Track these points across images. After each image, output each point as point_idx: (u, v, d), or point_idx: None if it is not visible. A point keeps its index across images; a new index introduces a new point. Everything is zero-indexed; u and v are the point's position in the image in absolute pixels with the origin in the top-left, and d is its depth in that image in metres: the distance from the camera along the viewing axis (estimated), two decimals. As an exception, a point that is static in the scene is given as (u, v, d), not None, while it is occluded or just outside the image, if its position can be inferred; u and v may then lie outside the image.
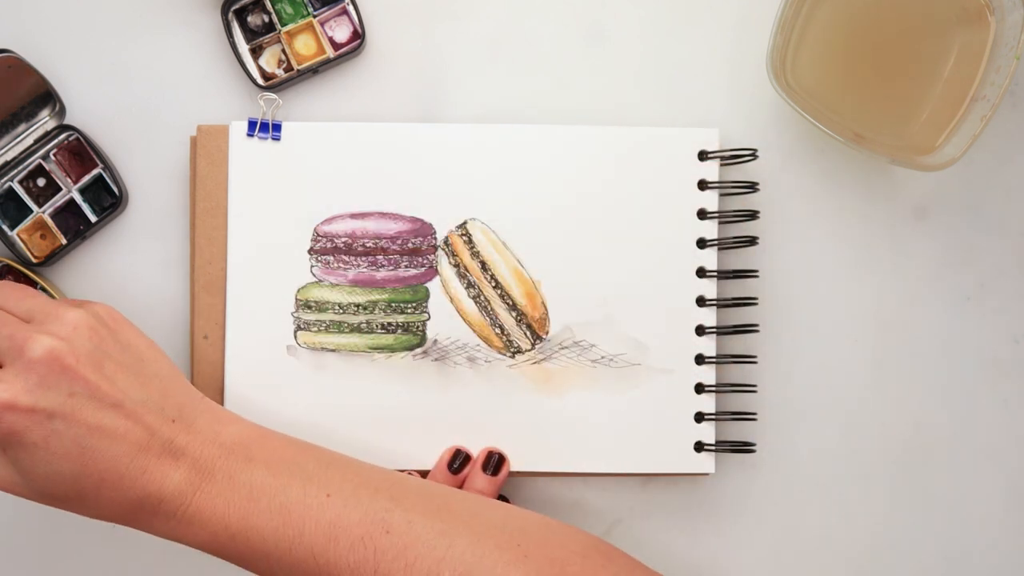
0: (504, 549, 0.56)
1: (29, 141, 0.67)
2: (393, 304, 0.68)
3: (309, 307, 0.67)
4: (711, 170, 0.68)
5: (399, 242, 0.68)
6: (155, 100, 0.69)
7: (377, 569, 0.55)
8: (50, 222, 0.67)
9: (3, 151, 0.67)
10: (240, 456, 0.58)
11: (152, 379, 0.58)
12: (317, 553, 0.56)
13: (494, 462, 0.66)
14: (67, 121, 0.68)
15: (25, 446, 0.54)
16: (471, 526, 0.57)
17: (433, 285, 0.68)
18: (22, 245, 0.67)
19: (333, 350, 0.67)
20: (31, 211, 0.67)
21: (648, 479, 0.70)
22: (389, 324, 0.68)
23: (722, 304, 0.68)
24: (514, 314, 0.68)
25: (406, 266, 0.68)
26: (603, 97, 0.70)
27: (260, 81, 0.68)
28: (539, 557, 0.56)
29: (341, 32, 0.69)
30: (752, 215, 0.68)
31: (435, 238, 0.68)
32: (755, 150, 0.68)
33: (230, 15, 0.68)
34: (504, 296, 0.68)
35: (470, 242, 0.68)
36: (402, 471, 0.67)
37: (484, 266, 0.68)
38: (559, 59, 0.70)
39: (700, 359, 0.68)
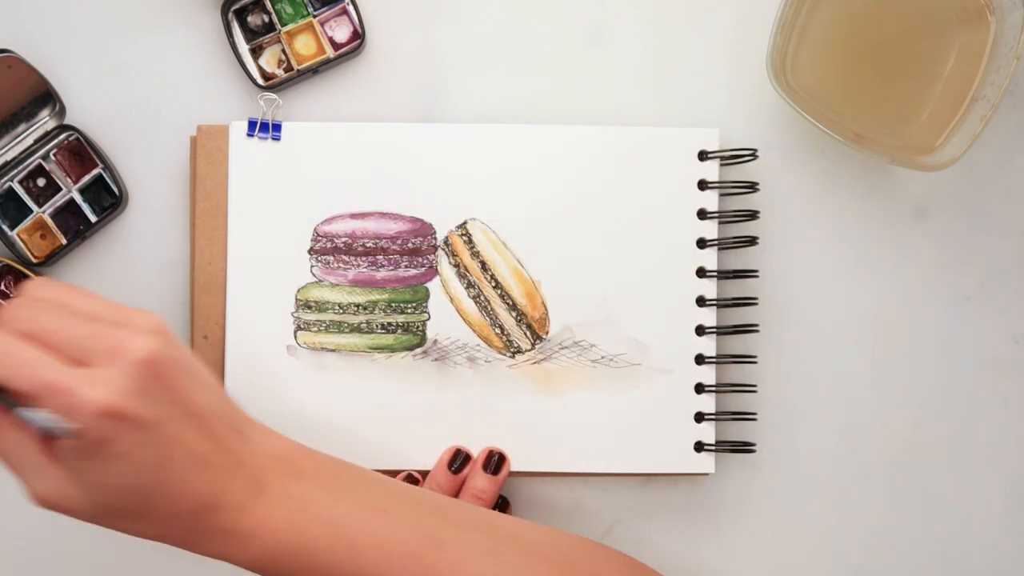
0: (553, 568, 0.56)
1: (29, 141, 0.67)
2: (393, 304, 0.68)
3: (309, 307, 0.67)
4: (711, 170, 0.68)
5: (399, 242, 0.68)
6: (155, 100, 0.69)
7: None
8: (50, 222, 0.67)
9: (3, 151, 0.67)
10: (291, 469, 0.56)
11: (216, 389, 0.55)
12: (370, 568, 0.54)
13: (494, 462, 0.66)
14: (67, 121, 0.68)
15: (111, 456, 0.50)
16: (519, 545, 0.57)
17: (433, 285, 0.68)
18: (22, 245, 0.67)
19: (333, 350, 0.67)
20: (31, 211, 0.67)
21: (648, 479, 0.70)
22: (389, 324, 0.68)
23: (722, 304, 0.68)
24: (514, 314, 0.68)
25: (406, 266, 0.68)
26: (603, 97, 0.70)
27: (260, 81, 0.68)
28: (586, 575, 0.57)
29: (341, 32, 0.69)
30: (752, 215, 0.68)
31: (435, 238, 0.68)
32: (755, 150, 0.68)
33: (230, 15, 0.68)
34: (504, 296, 0.68)
35: (470, 242, 0.68)
36: (402, 471, 0.67)
37: (484, 266, 0.68)
38: (559, 59, 0.70)
39: (700, 359, 0.68)
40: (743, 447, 0.68)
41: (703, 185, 0.68)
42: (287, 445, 0.57)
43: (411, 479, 0.67)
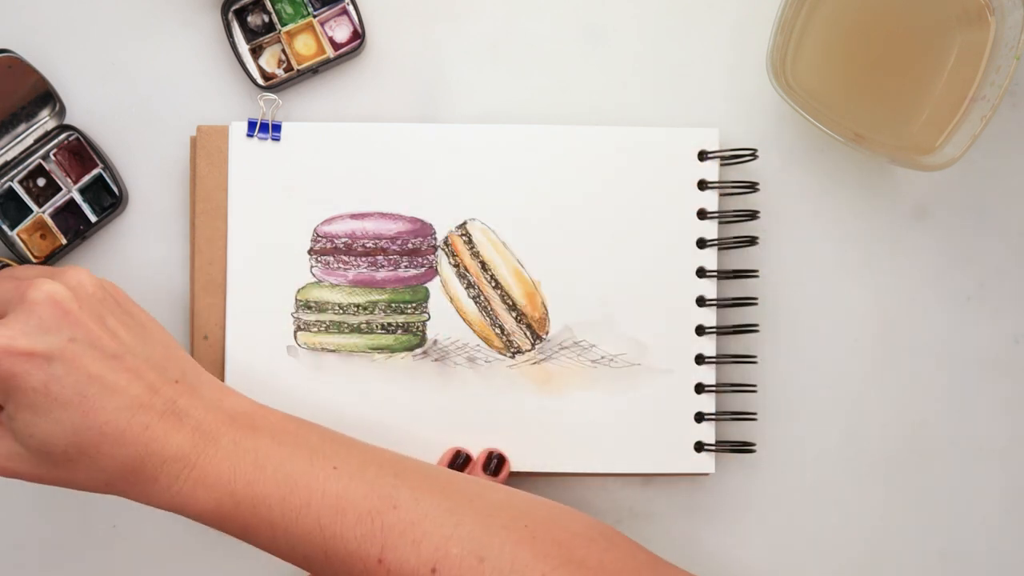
0: (511, 529, 0.56)
1: (29, 141, 0.67)
2: (393, 304, 0.68)
3: (309, 307, 0.67)
4: (711, 170, 0.68)
5: (399, 242, 0.68)
6: (155, 100, 0.69)
7: (384, 544, 0.55)
8: (50, 222, 0.67)
9: (3, 151, 0.67)
10: (244, 424, 0.57)
11: (154, 342, 0.57)
12: (324, 525, 0.55)
13: (494, 463, 0.66)
14: (67, 121, 0.68)
15: (24, 391, 0.53)
16: (477, 506, 0.57)
17: (433, 285, 0.68)
18: (22, 245, 0.67)
19: (333, 350, 0.67)
20: (31, 211, 0.67)
21: (648, 479, 0.70)
22: (389, 324, 0.68)
23: (722, 304, 0.68)
24: (514, 314, 0.68)
25: (406, 266, 0.68)
26: (603, 97, 0.70)
27: (260, 81, 0.68)
28: (545, 538, 0.56)
29: (341, 32, 0.69)
30: (752, 215, 0.68)
31: (435, 238, 0.68)
32: (755, 150, 0.68)
33: (230, 15, 0.68)
34: (504, 296, 0.68)
35: (470, 242, 0.68)
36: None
37: (484, 266, 0.68)
38: (559, 59, 0.70)
39: (700, 359, 0.68)
40: (743, 447, 0.68)
41: (703, 185, 0.68)
42: (244, 402, 0.58)
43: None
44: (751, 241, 0.68)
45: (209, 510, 0.55)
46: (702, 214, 0.68)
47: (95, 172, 0.68)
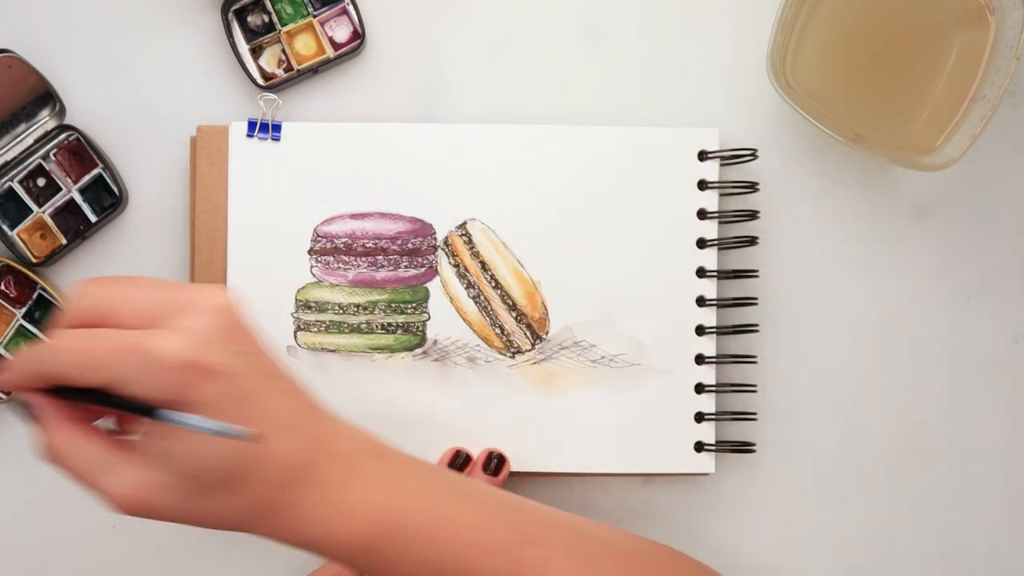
0: (640, 571, 0.56)
1: (29, 141, 0.67)
2: (393, 304, 0.68)
3: (309, 307, 0.67)
4: (711, 170, 0.68)
5: (399, 242, 0.68)
6: (155, 100, 0.69)
7: None
8: (50, 222, 0.67)
9: (3, 151, 0.67)
10: (383, 455, 0.54)
11: (288, 367, 0.53)
12: (460, 558, 0.53)
13: (494, 463, 0.66)
14: (67, 121, 0.68)
15: (195, 405, 0.48)
16: (608, 548, 0.56)
17: (433, 285, 0.68)
18: (22, 245, 0.67)
19: (333, 350, 0.67)
20: (31, 211, 0.67)
21: (648, 479, 0.70)
22: (389, 324, 0.68)
23: (722, 304, 0.68)
24: (514, 314, 0.68)
25: (406, 266, 0.68)
26: (603, 97, 0.70)
27: (260, 81, 0.68)
28: None
29: (341, 32, 0.69)
30: (752, 215, 0.68)
31: (435, 238, 0.68)
32: (755, 150, 0.68)
33: (230, 15, 0.68)
34: (504, 296, 0.68)
35: (470, 242, 0.68)
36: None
37: (484, 266, 0.68)
38: (559, 59, 0.70)
39: (700, 359, 0.68)
40: (743, 447, 0.68)
41: (703, 185, 0.68)
42: (371, 433, 0.55)
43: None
44: (751, 241, 0.68)
45: (349, 542, 0.52)
46: (702, 214, 0.68)
47: (95, 172, 0.68)
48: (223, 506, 0.50)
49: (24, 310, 0.67)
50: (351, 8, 0.68)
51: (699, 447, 0.68)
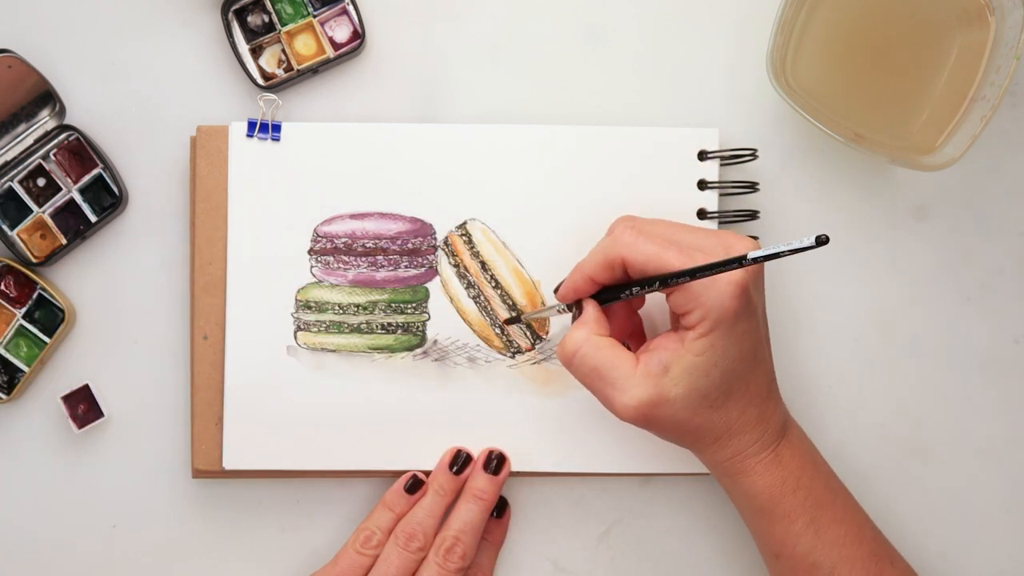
0: None
1: (29, 141, 0.67)
2: (393, 304, 0.68)
3: (309, 307, 0.67)
4: (711, 170, 0.68)
5: (399, 242, 0.68)
6: (155, 100, 0.69)
7: None
8: (50, 222, 0.67)
9: (3, 151, 0.67)
10: (795, 426, 0.64)
11: None
12: (832, 540, 0.62)
13: (495, 462, 0.66)
14: (67, 121, 0.68)
15: (733, 335, 0.57)
16: None
17: (433, 285, 0.68)
18: (22, 245, 0.67)
19: (333, 350, 0.67)
20: (31, 211, 0.67)
21: (648, 479, 0.70)
22: (389, 324, 0.68)
23: (722, 304, 0.68)
24: (514, 314, 0.68)
25: (406, 266, 0.68)
26: (603, 97, 0.70)
27: (260, 81, 0.68)
28: None
29: (341, 32, 0.69)
30: (752, 215, 0.68)
31: (435, 238, 0.68)
32: (755, 150, 0.68)
33: (230, 15, 0.68)
34: (504, 296, 0.68)
35: (470, 242, 0.68)
36: (407, 472, 0.67)
37: (484, 266, 0.68)
38: (559, 59, 0.70)
39: (700, 359, 0.68)
40: (743, 447, 0.68)
41: (703, 185, 0.68)
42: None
43: (416, 480, 0.67)
44: (751, 241, 0.68)
45: (768, 486, 0.61)
46: (702, 214, 0.68)
47: (95, 172, 0.68)
48: (710, 421, 0.59)
49: (24, 310, 0.67)
50: (351, 8, 0.68)
51: (699, 447, 0.68)
